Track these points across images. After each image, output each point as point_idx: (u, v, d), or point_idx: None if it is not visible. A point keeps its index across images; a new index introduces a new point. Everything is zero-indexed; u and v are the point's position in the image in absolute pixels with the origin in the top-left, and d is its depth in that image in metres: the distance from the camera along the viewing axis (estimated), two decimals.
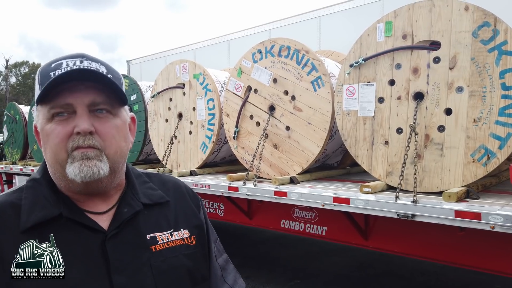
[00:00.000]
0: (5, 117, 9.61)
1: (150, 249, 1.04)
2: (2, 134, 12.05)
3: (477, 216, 2.56)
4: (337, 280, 5.01)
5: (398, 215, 2.90)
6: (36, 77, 1.00)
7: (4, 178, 9.54)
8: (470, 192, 2.92)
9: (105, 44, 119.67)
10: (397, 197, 2.92)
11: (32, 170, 7.81)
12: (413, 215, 2.83)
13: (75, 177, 0.95)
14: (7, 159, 10.01)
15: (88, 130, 0.94)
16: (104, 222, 1.02)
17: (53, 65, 0.98)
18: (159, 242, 1.06)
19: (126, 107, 1.09)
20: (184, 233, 1.12)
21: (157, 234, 1.07)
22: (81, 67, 0.96)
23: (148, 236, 1.05)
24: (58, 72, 0.95)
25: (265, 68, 4.16)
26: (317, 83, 3.76)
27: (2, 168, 9.30)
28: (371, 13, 5.74)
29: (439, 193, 2.93)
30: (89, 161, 0.95)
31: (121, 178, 1.09)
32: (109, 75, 1.00)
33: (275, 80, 4.09)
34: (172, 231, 1.10)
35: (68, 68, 0.95)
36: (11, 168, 8.89)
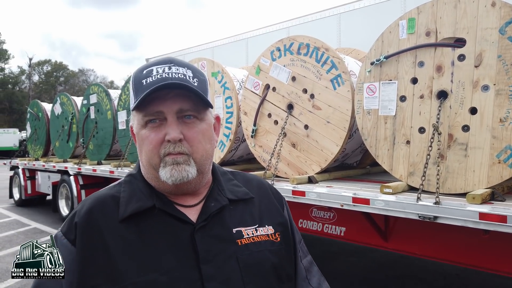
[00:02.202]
0: (29, 114, 9.83)
1: (236, 242, 1.07)
2: (25, 131, 12.32)
3: (502, 219, 2.47)
4: (356, 282, 4.94)
5: (419, 216, 2.83)
6: (130, 81, 1.08)
7: (27, 174, 9.76)
8: (495, 194, 2.84)
9: (125, 43, 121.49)
10: (418, 198, 2.85)
11: (54, 166, 7.97)
12: (435, 217, 2.76)
13: (167, 180, 1.03)
14: (30, 156, 10.23)
15: (177, 138, 1.02)
16: (192, 215, 1.08)
17: (144, 71, 1.06)
18: (244, 236, 1.09)
19: (211, 109, 1.15)
20: (268, 230, 1.14)
21: (242, 229, 1.10)
22: (170, 74, 1.04)
23: (234, 230, 1.09)
24: (149, 79, 1.03)
25: (284, 66, 4.12)
26: (337, 81, 3.71)
27: (25, 164, 9.51)
28: (392, 10, 5.63)
29: (463, 195, 2.85)
30: (179, 166, 1.03)
31: (208, 177, 1.15)
32: (195, 79, 1.06)
33: (293, 78, 4.05)
34: (257, 227, 1.13)
35: (158, 76, 1.03)
36: (34, 165, 9.08)
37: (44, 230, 7.62)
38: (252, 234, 1.11)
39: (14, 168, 10.34)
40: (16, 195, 10.36)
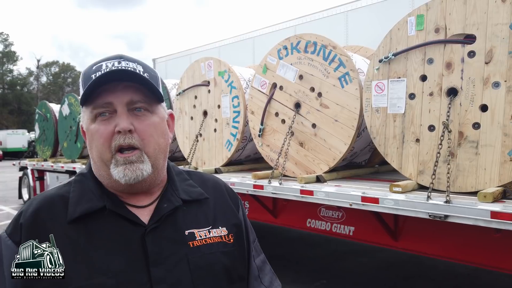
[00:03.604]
0: (37, 115, 9.89)
1: (188, 244, 1.06)
2: (34, 132, 12.40)
3: None
4: (365, 281, 4.91)
5: (430, 215, 2.80)
6: (80, 80, 1.06)
7: (36, 175, 9.83)
8: (507, 192, 2.79)
9: (133, 43, 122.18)
10: (429, 197, 2.82)
11: (62, 167, 8.01)
12: (446, 216, 2.72)
13: (120, 180, 1.01)
14: (38, 156, 10.30)
15: (127, 128, 1.00)
16: (144, 216, 1.06)
17: (94, 67, 1.03)
18: (197, 238, 1.08)
19: (164, 104, 1.12)
20: (222, 231, 1.13)
21: (195, 230, 1.09)
22: (119, 67, 1.02)
23: (186, 232, 1.08)
24: (98, 74, 1.00)
25: (291, 64, 4.10)
26: (345, 79, 3.67)
27: (34, 165, 9.58)
28: (400, 7, 5.58)
29: (474, 193, 2.81)
30: (132, 165, 1.01)
31: (163, 175, 1.13)
32: (145, 74, 1.04)
33: (301, 77, 4.02)
34: (210, 228, 1.12)
35: (107, 70, 1.01)
36: (42, 165, 9.14)
37: None
38: (205, 235, 1.10)
39: (23, 168, 10.42)
40: (25, 196, 10.44)
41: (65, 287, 0.94)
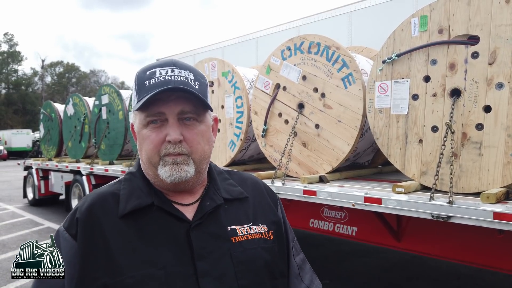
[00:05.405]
0: (42, 115, 9.94)
1: (230, 240, 1.11)
2: (38, 132, 12.46)
3: None
4: (368, 282, 4.91)
5: (432, 216, 2.80)
6: (133, 81, 1.12)
7: (41, 174, 9.88)
8: (510, 193, 2.79)
9: (137, 43, 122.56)
10: (431, 198, 2.82)
11: (67, 166, 8.06)
12: (449, 217, 2.72)
13: (166, 179, 1.08)
14: (43, 156, 10.36)
15: (178, 139, 1.06)
16: (189, 213, 1.12)
17: (147, 72, 1.09)
18: (238, 234, 1.13)
19: (210, 111, 1.18)
20: (262, 228, 1.18)
21: (236, 227, 1.14)
22: (172, 76, 1.08)
23: (229, 228, 1.13)
24: (152, 81, 1.07)
25: (294, 65, 4.11)
26: (348, 80, 3.68)
27: (39, 164, 9.63)
28: (403, 7, 5.58)
29: (477, 194, 2.81)
30: (178, 166, 1.07)
31: (204, 175, 1.19)
32: (196, 82, 1.10)
33: (304, 77, 4.03)
34: (251, 225, 1.17)
35: (161, 78, 1.07)
36: (47, 165, 9.19)
37: None
38: (246, 232, 1.15)
39: (27, 168, 10.48)
40: (30, 195, 10.50)
41: (118, 277, 1.00)
